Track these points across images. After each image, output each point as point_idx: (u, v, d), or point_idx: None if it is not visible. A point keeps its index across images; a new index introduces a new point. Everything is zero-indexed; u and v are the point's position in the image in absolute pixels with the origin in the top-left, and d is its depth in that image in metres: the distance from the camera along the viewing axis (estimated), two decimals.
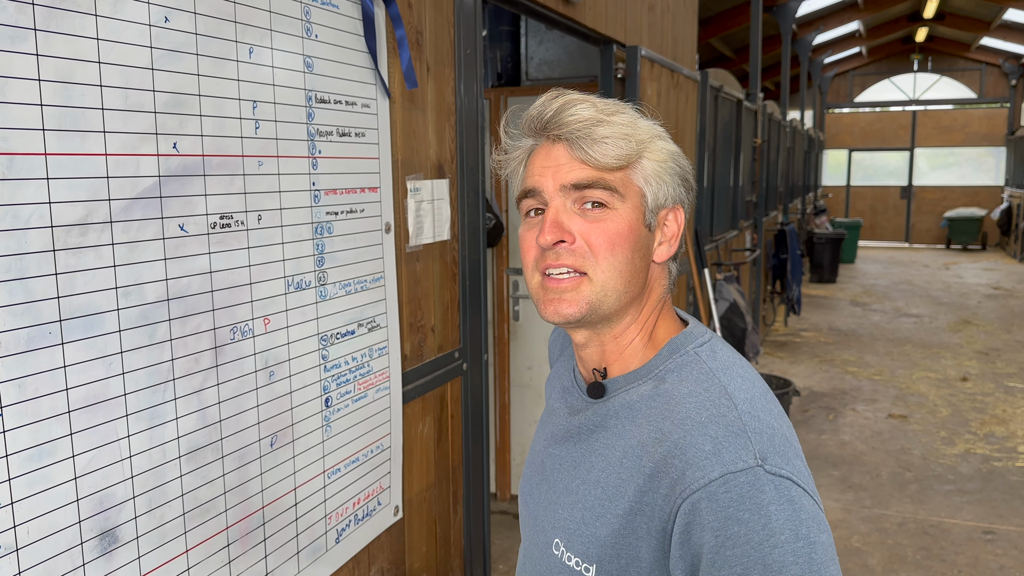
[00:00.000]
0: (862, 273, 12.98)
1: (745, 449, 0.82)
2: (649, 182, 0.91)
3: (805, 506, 0.81)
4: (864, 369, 6.94)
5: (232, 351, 1.30)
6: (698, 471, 0.81)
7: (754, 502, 0.79)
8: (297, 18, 1.41)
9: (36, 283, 0.98)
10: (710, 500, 0.80)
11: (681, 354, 0.93)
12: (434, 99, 1.91)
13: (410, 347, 1.88)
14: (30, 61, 0.96)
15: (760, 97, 7.05)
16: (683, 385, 0.89)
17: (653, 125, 0.94)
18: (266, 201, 1.36)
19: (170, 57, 1.15)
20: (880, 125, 17.92)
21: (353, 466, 1.64)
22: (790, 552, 0.78)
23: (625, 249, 0.90)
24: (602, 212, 0.90)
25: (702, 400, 0.87)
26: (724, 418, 0.84)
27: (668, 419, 0.87)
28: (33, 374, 0.98)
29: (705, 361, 0.91)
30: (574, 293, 0.91)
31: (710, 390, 0.88)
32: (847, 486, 4.49)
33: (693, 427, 0.84)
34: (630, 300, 0.94)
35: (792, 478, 0.82)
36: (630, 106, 0.94)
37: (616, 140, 0.88)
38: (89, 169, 1.04)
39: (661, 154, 0.92)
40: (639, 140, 0.90)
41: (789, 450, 0.84)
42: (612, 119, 0.90)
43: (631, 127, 0.90)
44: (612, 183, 0.89)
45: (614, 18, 3.30)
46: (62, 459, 1.02)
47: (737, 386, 0.88)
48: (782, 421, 0.88)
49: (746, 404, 0.86)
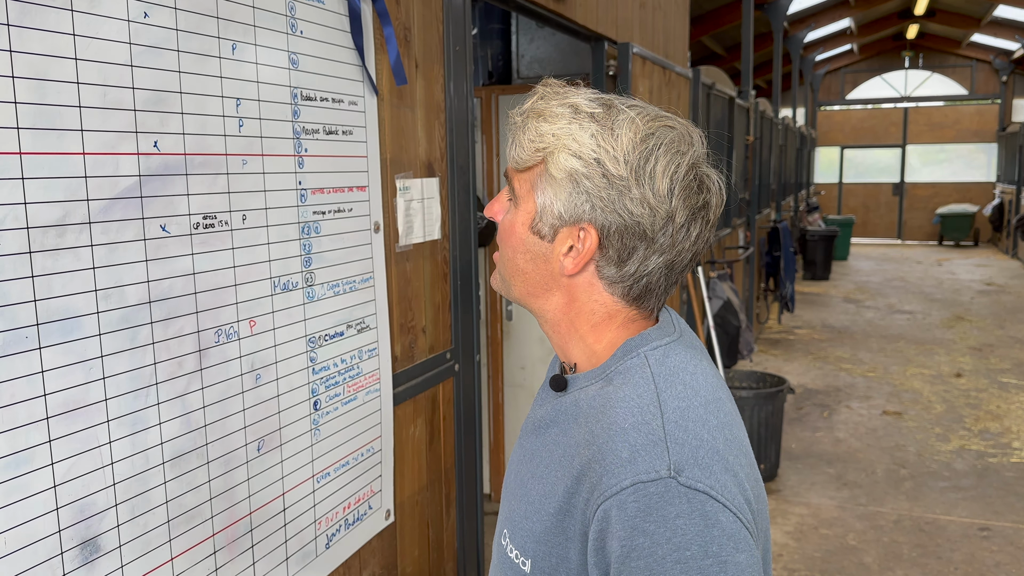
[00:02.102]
0: (855, 270, 13.00)
1: (660, 459, 0.79)
2: (544, 191, 0.89)
3: (721, 522, 0.77)
4: (858, 366, 6.94)
5: (217, 354, 1.27)
6: (612, 478, 0.80)
7: (661, 514, 0.77)
8: (281, 14, 1.38)
9: (11, 286, 0.95)
10: (620, 508, 0.78)
11: (633, 356, 0.90)
12: (423, 97, 1.89)
13: (401, 348, 1.85)
14: (3, 58, 0.93)
15: (752, 95, 7.05)
16: (622, 389, 0.87)
17: (596, 137, 0.86)
18: (251, 201, 1.33)
19: (150, 54, 1.13)
20: (872, 122, 17.96)
21: (343, 470, 1.62)
22: (695, 569, 0.75)
23: (507, 247, 0.95)
24: (509, 205, 0.95)
25: (631, 406, 0.85)
26: (647, 426, 0.82)
27: (599, 422, 0.86)
28: (9, 380, 0.95)
29: (651, 366, 0.89)
30: (495, 269, 1.00)
31: (643, 396, 0.85)
32: (842, 484, 4.48)
33: (616, 433, 0.83)
34: (529, 296, 0.96)
35: (709, 492, 0.78)
36: (625, 105, 0.89)
37: (520, 145, 0.90)
38: (66, 168, 1.01)
39: (560, 170, 0.87)
40: (542, 149, 0.88)
41: (716, 463, 0.81)
42: (532, 124, 0.89)
43: (541, 135, 0.88)
44: (512, 181, 0.94)
45: (605, 15, 3.27)
46: (40, 467, 0.99)
47: (672, 394, 0.86)
48: (718, 434, 0.84)
49: (675, 413, 0.83)
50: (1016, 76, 16.81)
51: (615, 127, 0.87)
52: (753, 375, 4.79)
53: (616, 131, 0.86)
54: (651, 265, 0.89)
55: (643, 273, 0.89)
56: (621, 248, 0.88)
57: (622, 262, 0.89)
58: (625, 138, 0.86)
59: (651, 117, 0.88)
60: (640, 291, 0.91)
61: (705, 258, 5.30)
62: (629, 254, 0.88)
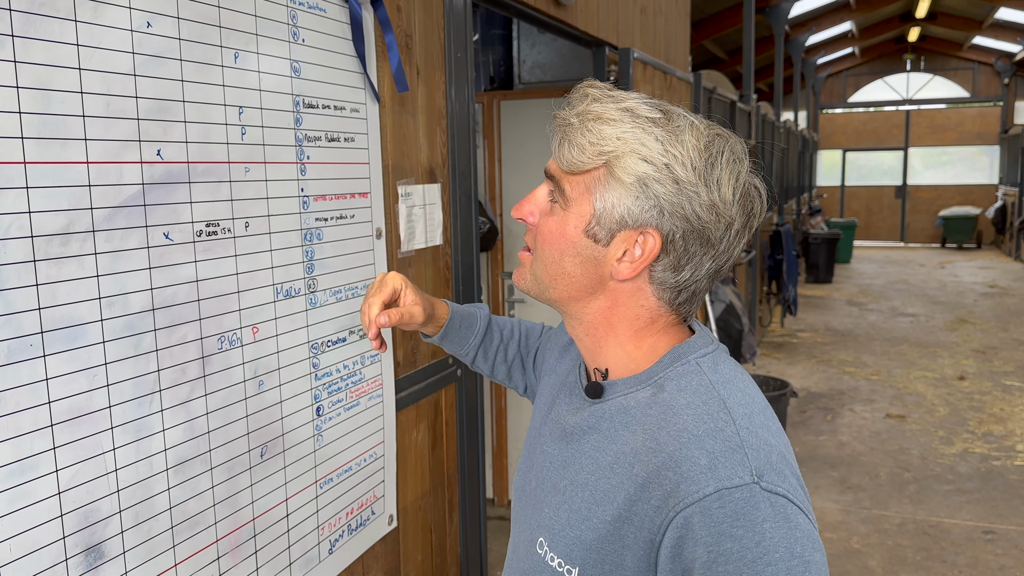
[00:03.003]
0: (858, 273, 12.99)
1: (741, 465, 0.81)
2: (604, 196, 0.88)
3: (800, 524, 0.80)
4: (861, 369, 6.93)
5: (220, 361, 1.28)
6: (693, 485, 0.80)
7: (749, 519, 0.78)
8: (283, 22, 1.39)
9: (16, 294, 0.96)
10: (704, 515, 0.79)
11: (683, 363, 0.91)
12: (424, 103, 1.90)
13: (403, 353, 1.86)
14: (8, 68, 0.94)
15: (754, 98, 7.05)
16: (682, 396, 0.88)
17: (663, 143, 0.86)
18: (253, 208, 1.34)
19: (153, 63, 1.13)
20: (874, 125, 17.95)
21: (346, 475, 1.62)
22: (784, 570, 0.77)
23: (552, 249, 0.93)
24: (554, 207, 0.93)
25: (700, 413, 0.85)
26: (721, 432, 0.83)
27: (664, 429, 0.86)
28: (14, 387, 0.96)
29: (706, 372, 0.90)
30: (522, 268, 0.98)
31: (708, 403, 0.86)
32: (846, 487, 4.48)
33: (690, 440, 0.83)
34: (570, 299, 0.95)
35: (788, 496, 0.81)
36: (679, 112, 0.89)
37: (579, 147, 0.88)
38: (70, 177, 1.02)
39: (629, 174, 0.86)
40: (606, 152, 0.87)
41: (786, 468, 0.83)
42: (593, 126, 0.87)
43: (604, 139, 0.87)
44: (562, 184, 0.91)
45: (606, 20, 3.28)
46: (45, 474, 1.00)
47: (736, 400, 0.87)
48: (779, 439, 0.87)
49: (744, 419, 0.85)
50: (1018, 78, 16.79)
51: (679, 132, 0.87)
52: (756, 379, 4.79)
53: (681, 137, 0.87)
54: (703, 271, 0.90)
55: (695, 279, 0.90)
56: (683, 253, 0.88)
57: (679, 268, 0.89)
58: (690, 144, 0.86)
59: (707, 125, 0.90)
60: (687, 297, 0.92)
61: None
62: (688, 259, 0.89)
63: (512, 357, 1.31)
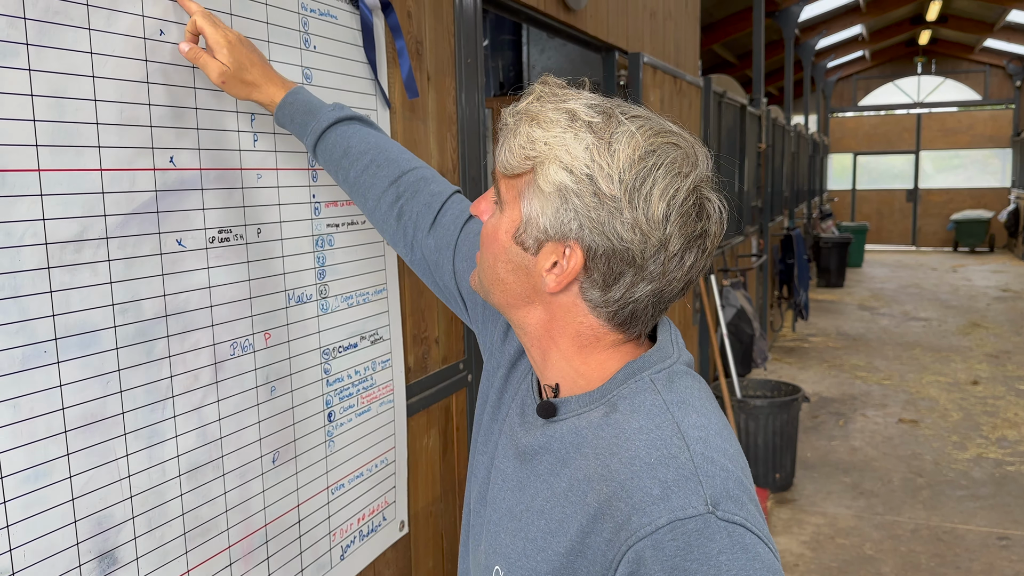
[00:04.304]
0: (869, 277, 12.93)
1: (695, 494, 0.76)
2: (531, 202, 0.84)
3: (760, 554, 0.75)
4: (873, 374, 6.90)
5: (232, 367, 1.28)
6: (644, 516, 0.76)
7: (703, 551, 0.74)
8: (295, 29, 1.40)
9: (30, 301, 0.96)
10: (656, 548, 0.74)
11: (636, 380, 0.86)
12: (435, 109, 1.90)
13: (414, 359, 1.86)
14: (22, 76, 0.95)
15: (764, 102, 7.04)
16: (635, 418, 0.83)
17: (591, 151, 0.80)
18: (265, 214, 1.34)
19: (166, 70, 1.14)
20: (885, 128, 17.89)
21: (357, 481, 1.62)
22: None
23: (487, 253, 0.91)
24: (496, 209, 0.91)
25: (653, 438, 0.80)
26: (675, 460, 0.78)
27: (616, 456, 0.81)
28: (28, 394, 0.96)
29: (660, 392, 0.84)
30: (476, 268, 0.97)
31: (662, 427, 0.81)
32: (858, 493, 4.45)
33: (641, 468, 0.78)
34: (508, 306, 0.91)
35: (746, 524, 0.76)
36: (628, 115, 0.83)
37: (509, 149, 0.85)
38: (84, 185, 1.02)
39: (549, 183, 0.81)
40: (531, 157, 0.82)
41: (743, 495, 0.78)
42: (524, 128, 0.84)
43: (533, 142, 0.82)
44: (500, 185, 0.89)
45: (616, 25, 3.28)
46: (59, 480, 1.00)
47: (691, 423, 0.82)
48: (737, 463, 0.82)
49: (699, 444, 0.80)
50: None
51: (613, 141, 0.80)
52: (767, 384, 4.77)
53: (613, 146, 0.80)
54: (638, 293, 0.83)
55: (629, 300, 0.84)
56: (607, 272, 0.82)
57: (607, 287, 0.83)
58: (623, 154, 0.79)
59: (654, 132, 0.81)
60: (625, 317, 0.86)
61: (718, 266, 5.29)
62: (615, 279, 0.83)
63: (401, 216, 1.26)
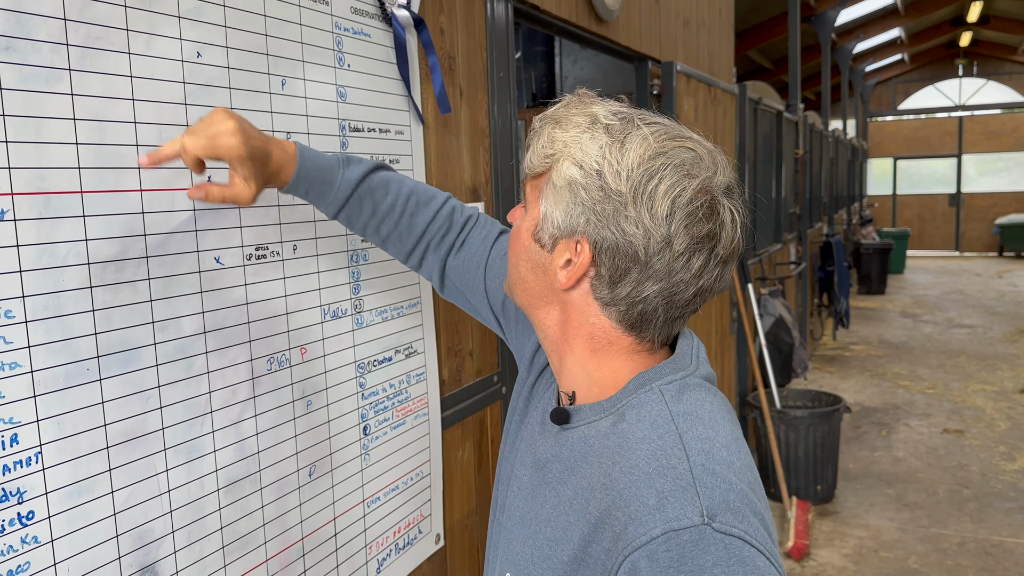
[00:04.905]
0: (911, 283, 12.70)
1: (691, 505, 0.75)
2: (547, 200, 0.87)
3: (760, 568, 0.73)
4: (917, 383, 6.76)
5: (269, 382, 1.30)
6: (640, 527, 0.75)
7: (696, 563, 0.72)
8: (329, 48, 1.41)
9: (73, 320, 0.98)
10: (650, 560, 0.73)
11: (646, 390, 0.86)
12: (467, 123, 1.91)
13: (448, 372, 1.87)
14: (65, 101, 0.97)
15: (800, 108, 6.96)
16: (639, 428, 0.83)
17: (604, 149, 0.83)
18: (301, 231, 1.36)
19: (203, 92, 1.16)
20: (925, 132, 17.58)
21: (393, 494, 1.63)
22: None
23: (511, 253, 0.95)
24: (523, 211, 0.95)
25: (653, 448, 0.80)
26: (673, 470, 0.78)
27: (617, 465, 0.81)
28: (72, 411, 0.98)
29: (667, 402, 0.84)
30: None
31: (664, 437, 0.81)
32: (902, 504, 4.36)
33: (640, 478, 0.78)
34: (530, 306, 0.94)
35: (745, 537, 0.74)
36: (646, 120, 0.85)
37: (533, 150, 0.90)
38: (125, 205, 1.05)
39: (562, 177, 0.85)
40: (550, 155, 0.87)
41: (746, 507, 0.77)
42: (548, 130, 0.88)
43: (553, 142, 0.86)
44: (526, 187, 0.93)
45: (648, 35, 3.28)
46: (101, 495, 1.02)
47: (695, 435, 0.81)
48: (743, 476, 0.80)
49: (700, 456, 0.79)
50: None
51: (626, 141, 0.83)
52: (808, 394, 4.70)
53: (626, 145, 0.83)
54: (646, 291, 0.84)
55: (636, 299, 0.85)
56: (613, 268, 0.84)
57: (614, 283, 0.85)
58: (633, 153, 0.82)
59: (668, 136, 0.84)
60: (635, 319, 0.87)
61: (756, 274, 5.23)
62: (621, 276, 0.84)
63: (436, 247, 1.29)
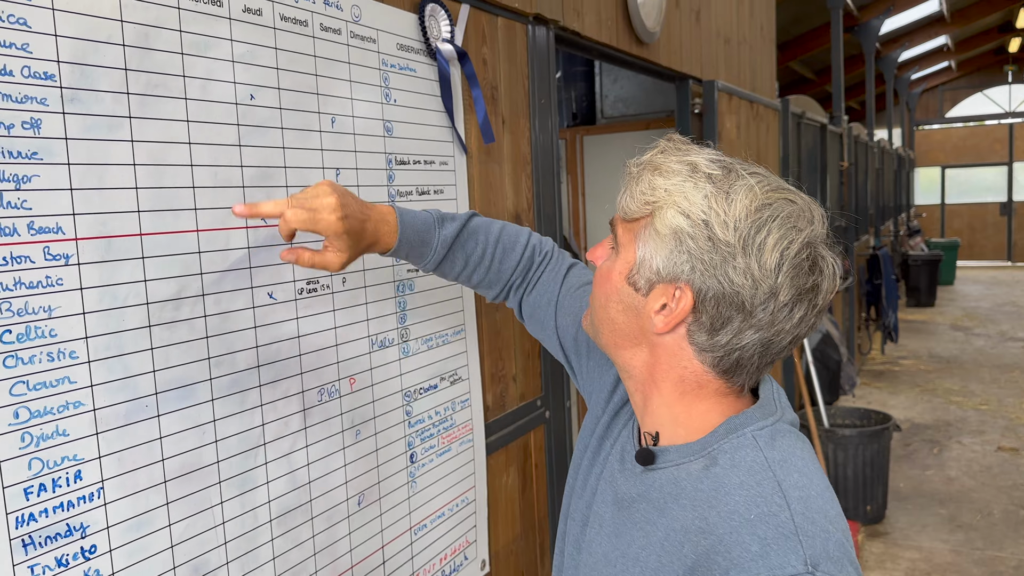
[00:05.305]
0: (962, 295, 12.40)
1: (794, 553, 0.76)
2: (646, 244, 0.88)
3: None
4: (969, 398, 6.60)
5: (319, 413, 1.32)
6: (743, 573, 0.76)
7: None
8: (376, 85, 1.44)
9: (133, 359, 1.02)
10: None
11: (738, 435, 0.87)
12: (510, 150, 1.93)
13: (492, 398, 1.88)
14: (126, 147, 1.01)
15: (845, 120, 6.88)
16: (735, 473, 0.84)
17: (709, 199, 0.84)
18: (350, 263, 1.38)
19: (256, 133, 1.20)
20: (974, 140, 17.21)
21: (439, 521, 1.64)
22: None
23: (599, 293, 0.96)
24: (612, 253, 0.96)
25: (753, 494, 0.81)
26: (775, 518, 0.79)
27: (715, 509, 0.82)
28: (131, 447, 1.01)
29: (762, 449, 0.85)
30: (588, 310, 1.01)
31: (762, 484, 0.82)
32: (956, 526, 4.26)
33: (741, 524, 0.79)
34: (616, 346, 0.95)
35: None
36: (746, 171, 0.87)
37: (631, 195, 0.90)
38: (182, 246, 1.08)
39: (666, 225, 0.86)
40: (651, 202, 0.87)
41: (844, 557, 0.78)
42: (647, 176, 0.89)
43: (654, 189, 0.87)
44: (616, 229, 0.94)
45: (689, 54, 3.27)
46: (159, 528, 1.05)
47: (792, 483, 0.82)
48: (839, 524, 0.82)
49: (799, 504, 0.80)
50: None
51: (731, 191, 0.84)
52: (856, 412, 4.62)
53: (732, 196, 0.84)
54: (745, 339, 0.85)
55: (735, 347, 0.86)
56: (716, 316, 0.85)
57: (715, 331, 0.86)
58: (739, 204, 0.83)
59: (771, 188, 0.86)
60: (730, 364, 0.88)
61: None
62: (723, 324, 0.85)
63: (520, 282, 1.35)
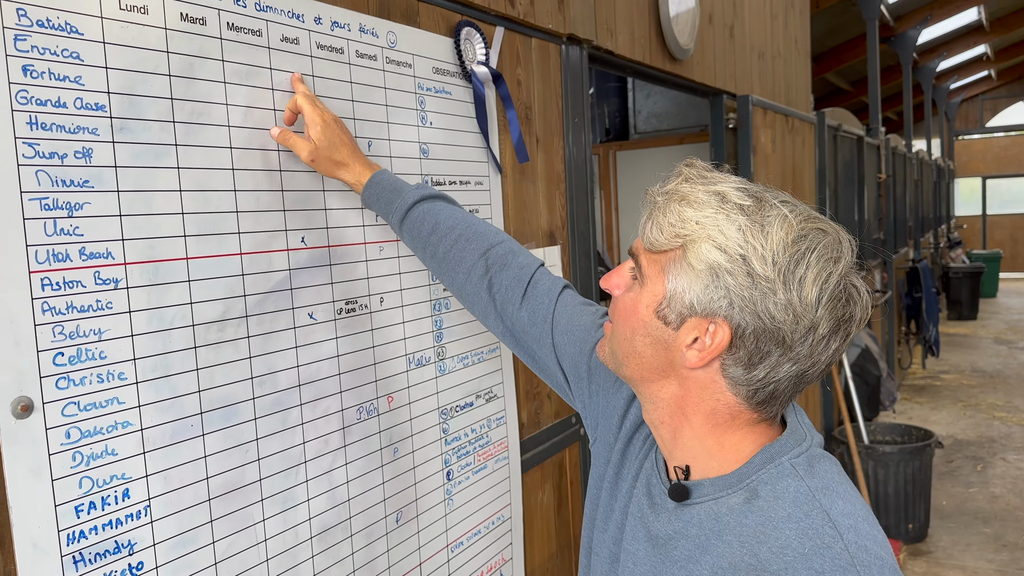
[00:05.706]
0: (1005, 308, 12.14)
1: None
2: (677, 278, 0.85)
3: None
4: (1014, 414, 6.45)
5: (359, 431, 1.34)
6: None
7: None
8: (412, 108, 1.47)
9: (179, 379, 1.05)
10: None
11: (775, 464, 0.86)
12: (544, 169, 1.94)
13: (527, 415, 1.89)
14: (172, 174, 1.04)
15: (882, 131, 6.80)
16: (779, 505, 0.83)
17: (744, 232, 0.82)
18: (388, 284, 1.41)
19: (296, 158, 1.22)
20: (1016, 149, 16.88)
21: (475, 538, 1.65)
22: None
23: (625, 325, 0.92)
24: (634, 283, 0.92)
25: (803, 527, 0.80)
26: (829, 550, 0.78)
27: (764, 544, 0.81)
28: (177, 465, 1.04)
29: (803, 477, 0.84)
30: (604, 339, 0.99)
31: (811, 515, 0.81)
32: (1001, 545, 4.16)
33: (795, 559, 0.78)
34: (642, 379, 0.92)
35: None
36: (776, 200, 0.85)
37: (659, 227, 0.87)
38: (226, 269, 1.11)
39: (701, 260, 0.83)
40: (682, 235, 0.84)
41: None
42: (675, 207, 0.86)
43: (684, 221, 0.84)
44: (640, 260, 0.90)
45: (723, 70, 3.27)
46: (203, 545, 1.07)
47: (839, 510, 0.81)
48: (887, 550, 0.81)
49: (851, 533, 0.80)
50: None
51: (766, 224, 0.82)
52: (897, 428, 4.54)
53: (767, 228, 0.82)
54: (782, 373, 0.84)
55: (771, 380, 0.84)
56: (754, 351, 0.83)
57: (752, 365, 0.84)
58: (776, 237, 0.81)
59: (804, 217, 0.84)
60: (765, 397, 0.86)
61: None
62: (761, 358, 0.84)
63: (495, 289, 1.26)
